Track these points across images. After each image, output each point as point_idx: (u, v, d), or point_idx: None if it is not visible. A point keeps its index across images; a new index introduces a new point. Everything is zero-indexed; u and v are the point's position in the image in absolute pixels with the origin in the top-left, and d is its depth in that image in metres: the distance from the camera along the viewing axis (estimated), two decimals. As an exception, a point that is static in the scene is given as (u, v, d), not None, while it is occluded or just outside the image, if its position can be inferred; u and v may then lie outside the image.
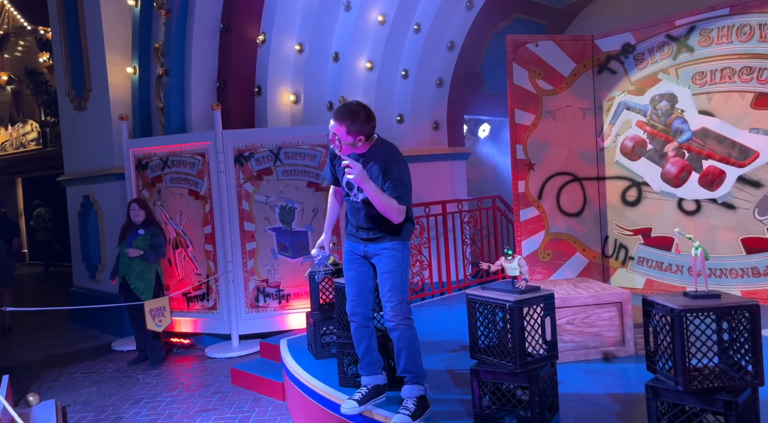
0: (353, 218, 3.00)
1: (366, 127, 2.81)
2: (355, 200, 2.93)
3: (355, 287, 3.00)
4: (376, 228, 2.90)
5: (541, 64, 5.43)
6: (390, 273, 2.88)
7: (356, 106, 2.83)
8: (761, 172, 4.68)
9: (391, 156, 2.86)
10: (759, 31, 4.61)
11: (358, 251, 3.02)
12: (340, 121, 2.79)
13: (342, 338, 3.36)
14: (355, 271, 3.01)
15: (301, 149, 6.16)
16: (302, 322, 6.04)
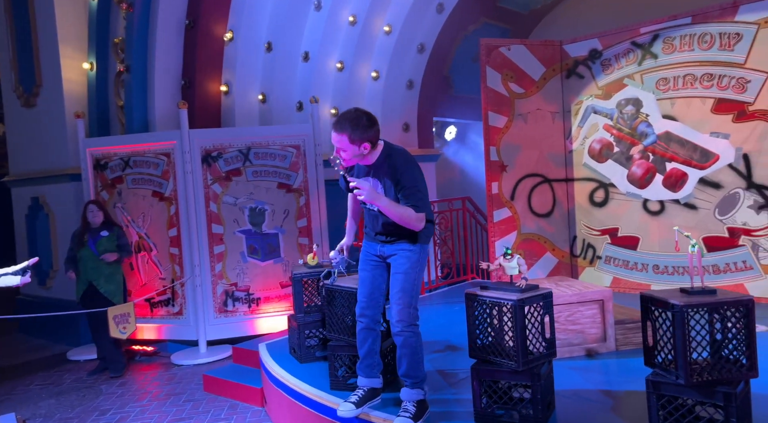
0: (370, 223, 2.97)
1: (369, 133, 2.72)
2: (371, 209, 2.89)
3: (367, 288, 2.95)
4: (394, 234, 2.85)
5: (513, 68, 5.54)
6: (403, 274, 2.83)
7: (355, 112, 2.76)
8: (721, 174, 4.92)
9: (401, 163, 2.78)
10: (719, 39, 4.86)
11: (374, 251, 2.97)
12: (340, 130, 2.70)
13: (334, 341, 3.31)
14: (369, 273, 2.96)
15: (271, 149, 6.05)
16: (274, 326, 5.94)
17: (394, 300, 2.82)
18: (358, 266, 3.04)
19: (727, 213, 4.91)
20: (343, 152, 2.73)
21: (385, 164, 2.78)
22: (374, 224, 2.93)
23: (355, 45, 6.38)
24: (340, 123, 2.71)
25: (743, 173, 4.82)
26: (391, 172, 2.76)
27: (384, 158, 2.79)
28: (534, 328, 2.61)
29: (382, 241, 2.91)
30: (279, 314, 6.05)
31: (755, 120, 4.73)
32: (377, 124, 2.79)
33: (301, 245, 6.13)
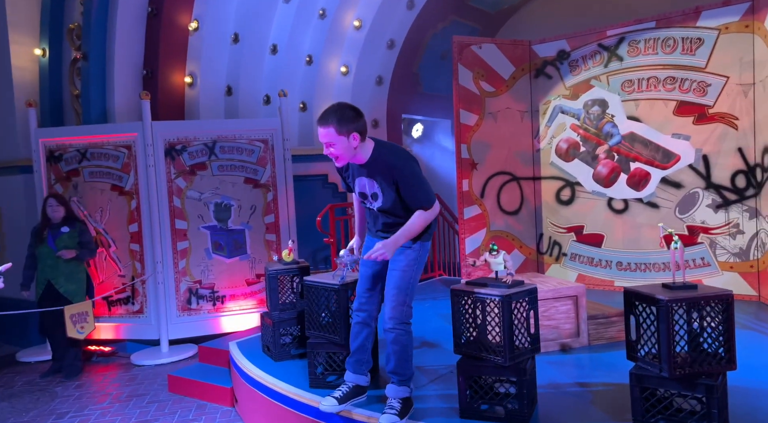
0: (372, 221, 2.94)
1: (356, 124, 2.64)
2: (372, 208, 2.85)
3: (368, 284, 2.92)
4: (395, 232, 2.78)
5: (484, 67, 5.58)
6: (399, 271, 2.80)
7: (338, 105, 2.69)
8: (682, 174, 5.10)
9: (395, 160, 2.70)
10: (681, 44, 5.03)
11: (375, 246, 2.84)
12: (326, 123, 2.62)
13: (313, 338, 3.25)
14: (370, 268, 2.92)
15: (238, 143, 5.91)
16: (239, 324, 5.81)
17: (389, 297, 2.79)
18: (360, 261, 3.00)
19: (687, 212, 5.10)
20: (333, 147, 2.65)
21: (380, 163, 2.71)
22: (375, 222, 2.90)
23: (325, 39, 6.30)
24: (324, 116, 2.65)
25: (702, 174, 5.01)
26: (386, 170, 2.69)
27: (377, 156, 2.72)
28: (520, 324, 2.62)
29: (383, 238, 2.84)
30: (245, 312, 5.92)
31: (715, 122, 4.92)
32: (363, 117, 2.72)
33: (268, 242, 6.01)
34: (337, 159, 2.71)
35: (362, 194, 2.84)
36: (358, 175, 2.78)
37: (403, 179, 2.67)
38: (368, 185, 2.77)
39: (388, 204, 2.75)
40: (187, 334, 5.84)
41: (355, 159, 2.73)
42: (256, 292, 6.00)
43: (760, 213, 4.75)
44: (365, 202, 2.85)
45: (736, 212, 4.88)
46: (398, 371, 2.82)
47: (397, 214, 2.78)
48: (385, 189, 2.71)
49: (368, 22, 6.28)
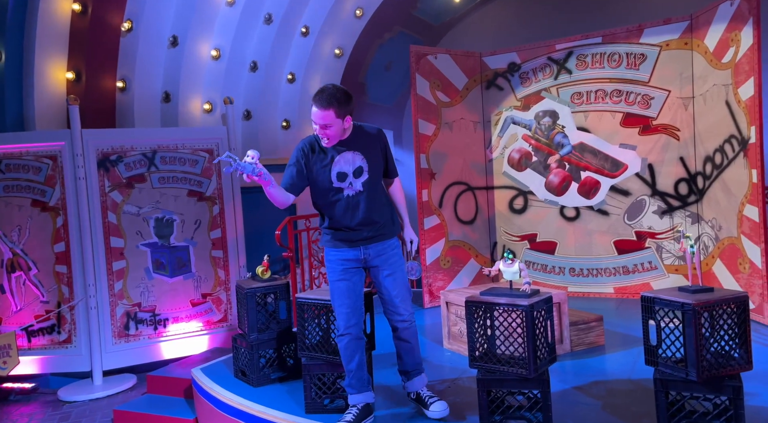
0: (348, 218, 2.80)
1: (350, 106, 2.73)
2: (352, 193, 2.78)
3: (351, 298, 2.81)
4: (379, 220, 2.83)
5: (440, 77, 5.58)
6: (400, 271, 2.89)
7: (333, 87, 2.72)
8: (629, 182, 5.35)
9: (376, 130, 2.92)
10: (626, 59, 5.29)
11: (355, 257, 2.84)
12: (327, 106, 2.65)
13: (307, 359, 3.01)
14: (350, 282, 2.82)
15: (180, 153, 5.49)
16: (184, 349, 5.38)
17: (401, 298, 2.86)
18: (331, 276, 2.85)
19: (635, 218, 5.34)
20: (329, 129, 2.69)
21: (362, 133, 2.84)
22: (353, 216, 2.79)
23: (271, 45, 6.04)
24: (325, 99, 2.66)
25: (648, 181, 5.28)
26: (373, 138, 2.86)
27: (358, 129, 2.84)
28: (540, 334, 2.57)
29: (367, 239, 2.82)
30: (190, 336, 5.48)
31: (658, 133, 5.21)
32: (353, 98, 2.79)
33: (214, 258, 5.62)
34: (329, 140, 2.73)
35: (341, 176, 2.77)
36: (338, 152, 2.77)
37: (386, 145, 2.90)
38: (352, 160, 2.78)
39: (375, 175, 2.82)
40: (125, 364, 5.31)
41: (341, 137, 2.77)
42: (201, 313, 5.57)
43: (701, 218, 5.07)
44: (343, 190, 2.77)
45: (679, 218, 5.17)
46: (419, 361, 2.94)
47: (377, 191, 2.85)
48: (372, 158, 2.81)
49: (316, 29, 6.10)
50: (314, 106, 2.68)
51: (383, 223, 2.86)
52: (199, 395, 3.68)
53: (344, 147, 2.77)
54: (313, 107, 2.69)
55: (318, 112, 2.66)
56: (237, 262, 5.66)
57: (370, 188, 2.81)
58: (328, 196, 2.81)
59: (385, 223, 2.87)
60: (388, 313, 2.91)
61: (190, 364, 4.75)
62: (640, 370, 3.39)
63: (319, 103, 2.65)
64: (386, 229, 2.88)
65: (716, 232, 4.86)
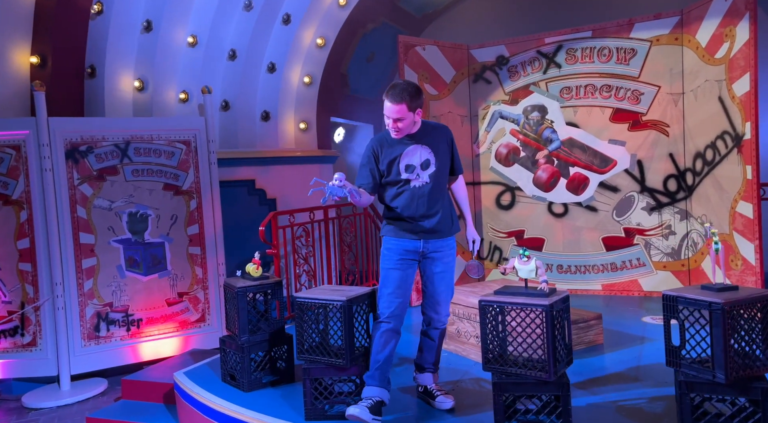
0: (413, 208, 2.87)
1: (420, 100, 2.84)
2: (419, 184, 2.88)
3: (401, 288, 2.86)
4: (441, 213, 2.91)
5: (428, 69, 5.43)
6: (450, 271, 2.96)
7: (404, 82, 2.84)
8: (618, 178, 5.31)
9: (444, 126, 3.05)
10: (616, 53, 5.24)
11: (414, 248, 2.89)
12: (400, 100, 2.75)
13: (308, 363, 2.81)
14: (404, 272, 2.88)
15: (156, 145, 5.20)
16: (160, 351, 5.10)
17: (443, 297, 2.94)
18: (386, 264, 2.89)
19: (624, 214, 5.31)
20: (401, 122, 2.80)
21: (430, 128, 2.95)
22: (418, 206, 2.87)
23: (251, 32, 5.78)
24: (398, 94, 2.76)
25: (637, 178, 5.24)
26: (441, 133, 2.97)
27: (426, 124, 2.95)
28: (559, 334, 2.44)
29: (428, 231, 2.88)
30: (165, 337, 5.21)
31: (648, 129, 5.17)
32: (422, 92, 2.89)
33: (192, 256, 5.34)
34: (400, 132, 2.85)
35: (409, 168, 2.87)
36: (407, 146, 2.88)
37: (452, 141, 3.00)
38: (420, 153, 2.88)
39: (441, 167, 2.92)
40: (95, 367, 5.00)
41: (410, 131, 2.88)
42: (177, 313, 5.30)
43: (690, 214, 5.06)
44: (410, 181, 2.87)
45: (668, 214, 5.16)
46: (437, 361, 3.02)
47: (443, 185, 2.96)
48: (439, 152, 2.91)
49: (298, 17, 5.86)
50: (387, 101, 2.78)
51: (445, 218, 2.93)
52: (182, 401, 3.44)
53: (413, 141, 2.88)
54: (385, 102, 2.79)
55: (391, 107, 2.76)
56: (215, 259, 5.40)
57: (437, 181, 2.91)
58: (396, 187, 2.90)
59: (446, 218, 2.94)
60: (427, 308, 2.97)
61: (168, 367, 4.49)
62: (645, 370, 3.32)
63: (392, 98, 2.75)
64: (447, 226, 2.95)
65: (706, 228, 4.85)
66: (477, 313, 3.55)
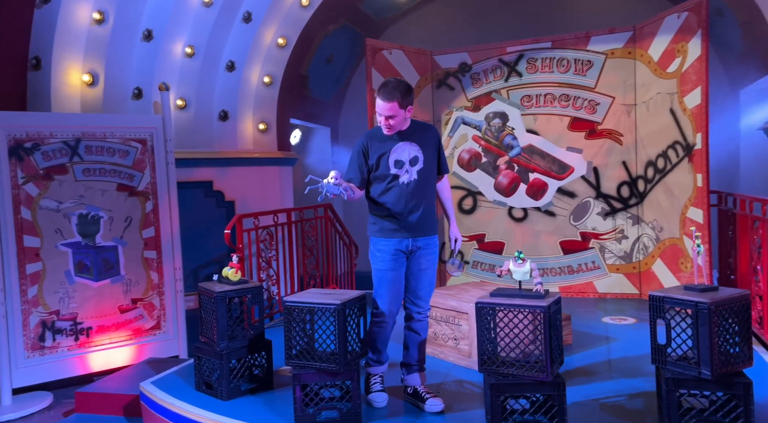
0: (401, 205, 2.95)
1: (411, 98, 2.91)
2: (407, 181, 2.94)
3: (397, 289, 3.00)
4: (428, 210, 3.02)
5: (394, 73, 5.44)
6: (432, 269, 3.06)
7: (395, 80, 2.92)
8: (575, 184, 5.51)
9: (431, 126, 3.16)
10: (574, 65, 5.45)
11: (403, 247, 2.98)
12: (391, 98, 2.82)
13: (297, 369, 2.73)
14: (397, 272, 2.99)
15: (109, 143, 4.93)
16: (111, 361, 4.83)
17: (425, 293, 3.04)
18: (380, 266, 2.98)
19: (580, 219, 5.51)
20: (392, 120, 2.87)
21: (418, 126, 3.04)
22: (406, 203, 2.95)
23: (210, 29, 5.59)
24: (390, 92, 2.83)
25: (593, 184, 5.46)
26: (429, 132, 3.06)
27: (414, 123, 3.02)
28: (555, 335, 2.49)
29: (413, 229, 2.98)
30: (118, 346, 4.93)
31: (603, 138, 5.40)
32: (413, 90, 2.98)
33: (147, 260, 5.10)
34: (391, 129, 2.92)
35: (398, 163, 2.94)
36: (396, 142, 2.95)
37: (439, 140, 3.12)
38: (408, 150, 2.96)
39: (428, 165, 3.00)
40: (40, 380, 4.67)
41: (401, 128, 2.95)
42: (131, 320, 5.03)
43: (642, 219, 5.32)
44: (397, 178, 2.93)
45: (621, 219, 5.40)
46: (423, 358, 3.07)
47: (430, 181, 3.04)
48: (426, 149, 2.99)
49: (259, 15, 5.73)
50: (379, 99, 2.85)
51: (430, 215, 3.05)
52: (152, 412, 3.25)
53: (402, 138, 2.96)
54: (377, 100, 2.86)
55: (383, 105, 2.84)
56: (172, 263, 5.17)
57: (424, 178, 2.99)
58: (385, 182, 2.96)
59: (430, 215, 3.07)
60: (409, 302, 3.06)
61: (125, 378, 4.25)
62: (617, 368, 3.45)
63: (384, 96, 2.83)
64: (432, 223, 3.09)
65: (657, 232, 5.12)
66: (455, 316, 3.60)
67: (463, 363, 3.59)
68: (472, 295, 3.76)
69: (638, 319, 4.60)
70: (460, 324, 3.60)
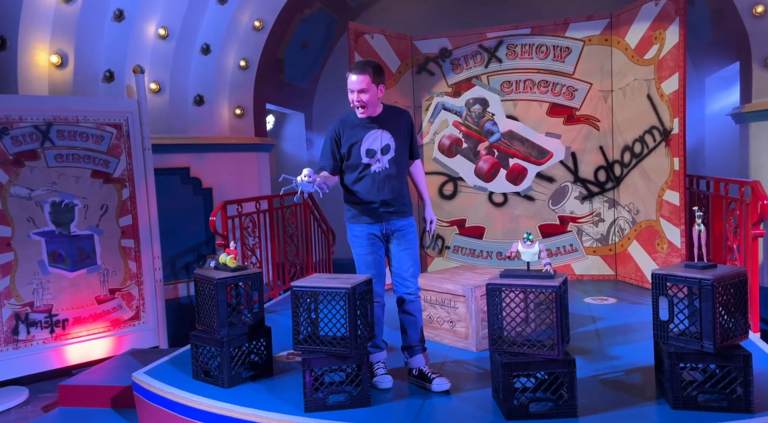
0: (373, 194, 2.98)
1: (383, 76, 2.94)
2: (378, 170, 2.97)
3: (378, 269, 3.04)
4: (401, 196, 3.05)
5: (376, 58, 5.39)
6: (413, 248, 3.10)
7: (368, 59, 3.03)
8: (554, 169, 5.61)
9: (404, 111, 3.15)
10: (553, 51, 5.53)
11: (378, 231, 3.03)
12: (363, 71, 2.84)
13: (307, 353, 2.71)
14: (376, 255, 3.04)
15: (82, 127, 4.73)
16: (89, 353, 4.68)
17: (410, 273, 3.06)
18: (359, 250, 3.04)
19: (559, 203, 5.63)
20: (365, 94, 2.86)
21: (392, 112, 3.05)
22: (379, 191, 2.98)
23: (184, 11, 5.40)
24: (361, 66, 2.87)
25: (571, 169, 5.58)
26: (401, 118, 3.07)
27: (387, 109, 3.04)
28: (565, 314, 2.55)
29: (390, 213, 3.03)
30: (95, 337, 4.78)
31: (581, 123, 5.52)
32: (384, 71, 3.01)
33: (124, 249, 4.94)
34: (365, 108, 2.91)
35: (369, 152, 2.96)
36: (368, 130, 2.96)
37: (412, 126, 3.12)
38: (381, 138, 2.97)
39: (400, 153, 3.02)
40: (14, 374, 4.49)
41: (373, 111, 2.96)
42: (109, 311, 4.88)
43: (618, 203, 5.48)
44: (370, 165, 2.96)
45: (598, 203, 5.54)
46: (422, 338, 3.10)
47: (401, 169, 3.06)
48: (398, 137, 3.00)
49: (236, -4, 5.58)
50: (351, 75, 2.86)
51: (404, 201, 3.10)
52: (149, 403, 3.17)
53: (374, 125, 2.96)
54: (349, 76, 2.87)
55: (355, 79, 2.84)
56: (151, 252, 5.03)
57: (396, 166, 3.01)
58: (356, 172, 2.99)
59: (405, 201, 3.11)
60: (398, 285, 3.09)
61: (109, 369, 4.14)
62: (610, 346, 3.56)
63: (356, 70, 2.86)
64: (406, 208, 3.13)
65: (633, 215, 5.28)
66: (451, 299, 3.64)
67: (460, 345, 3.63)
68: (465, 278, 3.80)
69: (618, 299, 4.75)
70: (457, 307, 3.64)
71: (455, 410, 2.68)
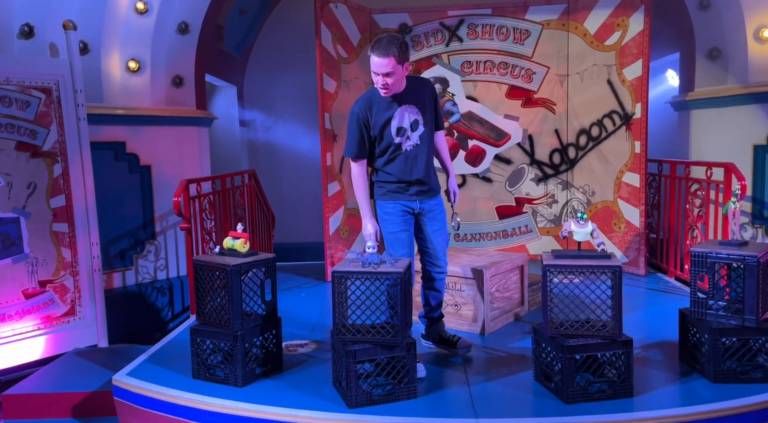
0: (407, 172, 2.89)
1: (408, 52, 2.78)
2: (410, 147, 2.87)
3: (411, 247, 2.97)
4: (432, 173, 2.99)
5: (339, 29, 5.10)
6: (444, 227, 3.10)
7: (390, 35, 2.75)
8: (512, 151, 5.67)
9: (426, 80, 3.02)
10: (513, 33, 5.55)
11: (411, 208, 2.96)
12: (387, 53, 2.65)
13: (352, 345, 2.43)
14: (409, 232, 2.97)
15: (4, 90, 3.98)
16: (15, 356, 4.01)
17: (442, 252, 3.09)
18: (392, 228, 2.95)
19: (515, 185, 5.70)
20: (390, 77, 2.70)
21: (415, 84, 2.89)
22: (410, 169, 2.90)
23: (119, -40, 4.73)
24: (385, 46, 2.65)
25: (528, 151, 5.66)
26: (425, 90, 2.92)
27: (410, 81, 2.86)
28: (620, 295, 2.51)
29: (421, 193, 2.96)
30: (23, 337, 4.09)
31: (538, 106, 5.60)
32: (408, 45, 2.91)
33: (57, 234, 4.26)
34: (389, 89, 2.75)
35: (400, 131, 2.84)
36: (395, 108, 2.81)
37: (436, 96, 2.99)
38: (408, 114, 2.85)
39: (428, 126, 2.92)
40: None
41: (398, 89, 2.80)
42: (39, 306, 4.19)
43: (571, 185, 5.65)
44: (400, 146, 2.86)
45: (552, 185, 5.69)
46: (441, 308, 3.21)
47: (430, 143, 2.98)
48: (425, 110, 2.89)
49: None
50: (374, 56, 2.67)
51: (433, 177, 3.02)
52: (141, 409, 2.70)
53: (399, 102, 2.82)
54: (372, 57, 2.68)
55: (379, 61, 2.65)
56: (88, 238, 4.38)
57: (426, 141, 2.93)
58: (388, 152, 2.88)
59: (435, 176, 3.04)
60: (428, 264, 3.09)
61: (57, 374, 3.57)
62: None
63: (379, 52, 2.65)
64: (436, 184, 3.04)
65: (588, 196, 5.47)
66: (456, 282, 3.52)
67: (465, 328, 3.53)
68: (466, 260, 3.70)
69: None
70: (463, 289, 3.52)
71: (508, 396, 2.56)
